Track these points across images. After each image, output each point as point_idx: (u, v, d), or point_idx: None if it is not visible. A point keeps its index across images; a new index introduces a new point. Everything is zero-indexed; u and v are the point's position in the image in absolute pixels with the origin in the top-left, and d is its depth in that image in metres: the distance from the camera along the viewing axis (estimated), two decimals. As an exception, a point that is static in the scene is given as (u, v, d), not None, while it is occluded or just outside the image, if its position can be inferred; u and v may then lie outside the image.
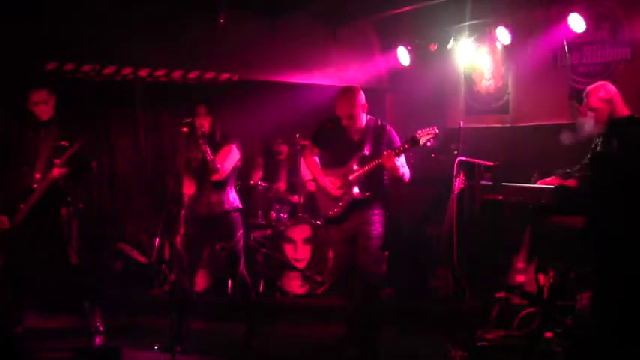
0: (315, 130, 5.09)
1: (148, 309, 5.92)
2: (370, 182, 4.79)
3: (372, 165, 4.72)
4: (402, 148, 4.68)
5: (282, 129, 7.15)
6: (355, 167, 4.79)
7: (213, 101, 5.09)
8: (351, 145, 4.84)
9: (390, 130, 4.86)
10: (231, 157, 4.96)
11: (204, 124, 4.88)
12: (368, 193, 4.76)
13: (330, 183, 4.86)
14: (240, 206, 5.09)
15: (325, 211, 4.92)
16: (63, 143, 4.81)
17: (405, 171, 4.76)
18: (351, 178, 4.78)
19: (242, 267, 5.09)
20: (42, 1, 6.18)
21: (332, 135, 4.94)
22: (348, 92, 4.81)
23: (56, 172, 4.78)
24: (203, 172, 4.90)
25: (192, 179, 4.99)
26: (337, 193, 4.82)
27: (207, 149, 4.80)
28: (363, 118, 4.84)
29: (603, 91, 4.65)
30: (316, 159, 5.04)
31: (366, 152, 4.78)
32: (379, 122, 4.90)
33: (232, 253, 5.02)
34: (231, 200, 5.01)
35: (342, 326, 5.10)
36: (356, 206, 4.78)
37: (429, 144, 4.66)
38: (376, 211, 4.81)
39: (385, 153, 4.65)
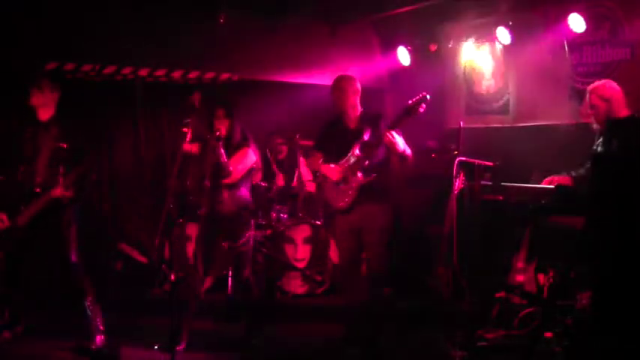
0: (318, 135, 5.17)
1: (148, 309, 5.92)
2: (373, 168, 4.81)
3: (374, 147, 4.75)
4: (397, 119, 4.71)
5: (282, 129, 7.15)
6: (357, 152, 4.82)
7: (212, 101, 5.11)
8: (350, 134, 4.90)
9: (385, 116, 4.93)
10: (245, 160, 5.04)
11: (222, 127, 4.96)
12: (373, 175, 4.78)
13: (332, 170, 4.88)
14: (252, 207, 5.14)
15: (335, 203, 4.93)
16: (62, 145, 4.81)
17: (406, 149, 4.79)
18: (353, 163, 4.82)
19: (247, 271, 5.12)
20: (42, 1, 6.18)
21: (331, 133, 5.02)
22: (341, 76, 4.99)
23: (58, 192, 4.80)
24: (217, 173, 4.95)
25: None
26: (339, 177, 4.83)
27: (222, 152, 4.87)
28: (358, 104, 4.95)
29: (603, 90, 4.72)
30: (319, 159, 5.06)
31: (366, 137, 4.82)
32: (373, 111, 5.00)
33: (239, 254, 5.04)
34: (243, 200, 5.06)
35: (343, 326, 5.11)
36: (363, 197, 4.81)
37: (421, 109, 4.66)
38: (383, 205, 4.85)
39: (383, 130, 4.70)
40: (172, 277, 6.05)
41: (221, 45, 6.93)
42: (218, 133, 4.89)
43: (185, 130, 4.79)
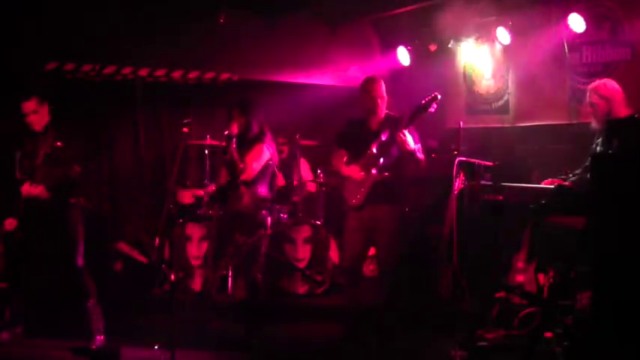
0: (339, 132, 5.22)
1: (148, 309, 5.92)
2: (387, 167, 4.89)
3: (390, 147, 4.85)
4: (410, 118, 4.82)
5: (282, 129, 7.15)
6: (374, 151, 4.89)
7: (211, 101, 5.16)
8: (370, 135, 4.98)
9: (404, 119, 4.99)
10: (259, 157, 5.11)
11: (234, 125, 5.03)
12: (386, 174, 4.87)
13: (352, 169, 4.99)
14: (269, 205, 5.23)
15: (350, 200, 5.01)
16: (57, 144, 4.82)
17: (417, 150, 4.88)
18: (368, 160, 4.90)
19: (256, 269, 5.13)
20: (42, 1, 6.18)
21: (353, 132, 5.11)
22: (373, 78, 5.13)
23: (25, 188, 4.84)
24: (233, 171, 5.07)
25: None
26: (358, 177, 4.94)
27: (233, 150, 4.97)
28: (383, 108, 5.06)
29: (603, 89, 4.75)
30: (344, 157, 5.13)
31: (383, 138, 4.90)
32: (395, 114, 5.09)
33: (251, 250, 5.07)
34: (261, 198, 5.14)
35: (342, 326, 5.10)
36: (375, 195, 4.88)
37: (432, 109, 4.80)
38: (394, 206, 4.94)
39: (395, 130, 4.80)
40: (172, 277, 6.05)
41: (221, 45, 6.93)
42: (227, 132, 4.98)
43: (185, 129, 4.82)
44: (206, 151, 6.54)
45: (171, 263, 6.56)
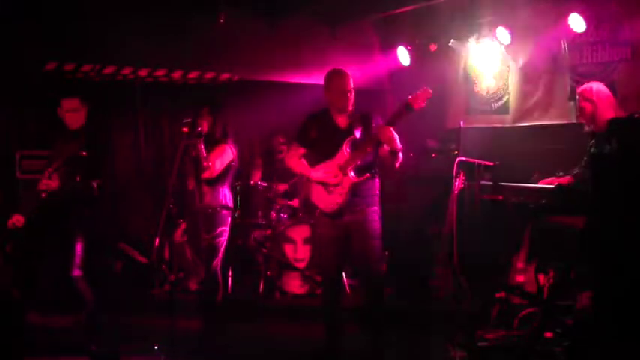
0: (300, 129, 4.89)
1: (148, 309, 5.92)
2: (366, 168, 4.61)
3: (367, 145, 4.55)
4: (396, 115, 4.50)
5: (282, 129, 7.15)
6: (347, 151, 4.59)
7: (211, 101, 5.18)
8: (340, 133, 4.67)
9: (376, 115, 4.75)
10: (223, 157, 5.07)
11: (204, 124, 5.01)
12: (367, 175, 4.56)
13: (324, 173, 4.64)
14: (230, 205, 5.17)
15: (325, 207, 4.65)
16: (82, 153, 4.78)
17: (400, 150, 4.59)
18: (343, 161, 4.59)
19: (215, 263, 5.10)
20: (42, 1, 6.18)
21: (318, 129, 4.78)
22: (341, 72, 4.83)
23: (44, 182, 4.79)
24: (198, 169, 5.05)
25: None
26: (334, 180, 4.58)
27: (202, 148, 4.95)
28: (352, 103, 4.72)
29: (588, 92, 4.85)
30: (303, 160, 4.83)
31: (357, 136, 4.63)
32: (363, 109, 4.78)
33: (210, 246, 5.07)
34: (221, 197, 5.12)
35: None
36: (353, 199, 4.58)
37: (422, 104, 4.48)
38: (374, 208, 4.67)
39: (381, 125, 4.53)
40: (172, 277, 6.06)
41: (221, 45, 6.93)
42: (200, 129, 4.96)
43: (185, 129, 4.82)
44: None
45: (171, 263, 6.57)
